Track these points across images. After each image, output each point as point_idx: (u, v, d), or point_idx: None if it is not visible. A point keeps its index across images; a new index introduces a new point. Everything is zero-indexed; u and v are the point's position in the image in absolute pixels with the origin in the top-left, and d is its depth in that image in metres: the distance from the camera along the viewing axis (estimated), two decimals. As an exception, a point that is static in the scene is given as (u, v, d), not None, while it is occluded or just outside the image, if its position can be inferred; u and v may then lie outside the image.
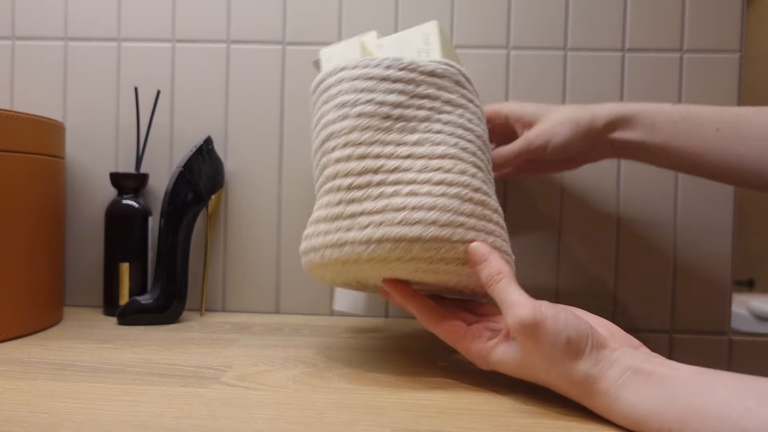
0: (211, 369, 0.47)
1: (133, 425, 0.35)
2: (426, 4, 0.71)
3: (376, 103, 0.45)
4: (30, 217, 0.57)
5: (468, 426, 0.36)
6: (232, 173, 0.72)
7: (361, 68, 0.47)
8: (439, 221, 0.42)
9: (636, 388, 0.35)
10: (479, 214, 0.44)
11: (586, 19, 0.70)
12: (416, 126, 0.46)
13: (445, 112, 0.46)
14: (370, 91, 0.46)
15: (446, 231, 0.42)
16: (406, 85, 0.46)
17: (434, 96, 0.46)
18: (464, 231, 0.43)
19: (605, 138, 0.56)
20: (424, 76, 0.46)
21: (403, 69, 0.46)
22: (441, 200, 0.43)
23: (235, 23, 0.72)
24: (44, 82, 0.73)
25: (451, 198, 0.43)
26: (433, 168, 0.44)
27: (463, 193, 0.44)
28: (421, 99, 0.46)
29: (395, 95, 0.46)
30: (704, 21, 0.70)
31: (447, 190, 0.43)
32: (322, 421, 0.36)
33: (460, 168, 0.45)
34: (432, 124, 0.46)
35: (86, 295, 0.73)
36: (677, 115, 0.54)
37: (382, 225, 0.42)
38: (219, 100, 0.72)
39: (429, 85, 0.46)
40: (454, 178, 0.44)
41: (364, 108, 0.45)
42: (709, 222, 0.70)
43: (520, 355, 0.40)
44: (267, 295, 0.72)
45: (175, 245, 0.63)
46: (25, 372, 0.45)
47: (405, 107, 0.46)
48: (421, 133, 0.45)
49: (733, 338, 0.71)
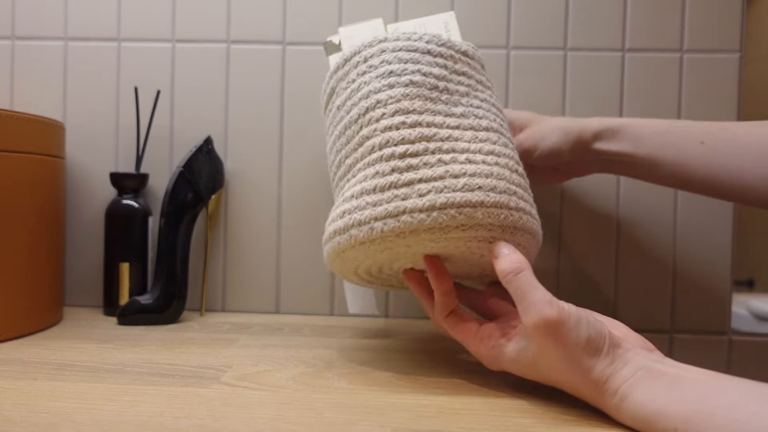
0: (211, 369, 0.47)
1: (133, 425, 0.35)
2: (426, 4, 0.71)
3: (423, 74, 0.46)
4: (30, 217, 0.57)
5: (468, 426, 0.36)
6: (232, 173, 0.72)
7: (403, 41, 0.48)
8: (498, 188, 0.42)
9: (646, 387, 0.36)
10: (524, 186, 0.46)
11: (586, 19, 0.70)
12: (459, 99, 0.47)
13: (479, 90, 0.49)
14: (416, 62, 0.47)
15: (504, 197, 0.42)
16: (446, 60, 0.48)
17: (469, 74, 0.49)
18: (517, 199, 0.44)
19: (592, 148, 0.56)
20: (460, 55, 0.49)
21: (442, 45, 0.48)
22: (495, 169, 0.43)
23: (235, 23, 0.72)
24: (44, 82, 0.73)
25: (502, 168, 0.44)
26: (481, 139, 0.45)
27: (510, 165, 0.45)
28: (459, 76, 0.48)
29: (438, 69, 0.47)
30: (704, 21, 0.70)
31: (498, 160, 0.44)
32: (322, 421, 0.36)
33: (503, 141, 0.46)
34: (471, 100, 0.47)
35: (86, 295, 0.73)
36: (662, 128, 0.55)
37: (444, 191, 0.41)
38: (219, 100, 0.72)
39: (464, 63, 0.49)
40: (501, 150, 0.45)
41: (413, 77, 0.46)
42: (709, 222, 0.70)
43: (533, 354, 0.40)
44: (267, 295, 0.72)
45: (175, 245, 0.63)
46: (25, 372, 0.45)
47: (448, 81, 0.47)
48: (464, 107, 0.47)
49: (733, 338, 0.71)
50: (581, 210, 0.71)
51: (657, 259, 0.71)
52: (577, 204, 0.71)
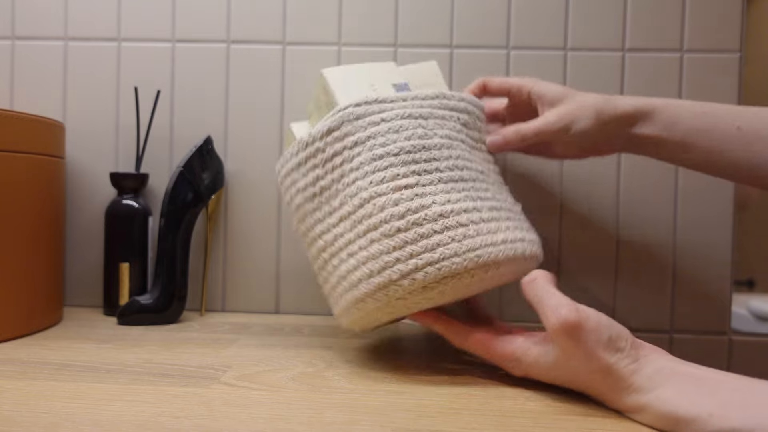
0: (211, 369, 0.47)
1: (133, 425, 0.35)
2: (426, 4, 0.71)
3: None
4: (30, 217, 0.57)
5: (468, 426, 0.36)
6: (232, 173, 0.72)
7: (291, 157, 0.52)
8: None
9: (675, 382, 0.36)
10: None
11: (586, 19, 0.70)
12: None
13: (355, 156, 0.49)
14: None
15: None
16: (316, 156, 0.50)
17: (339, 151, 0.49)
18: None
19: (624, 132, 0.54)
20: (321, 141, 0.49)
21: (309, 145, 0.50)
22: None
23: (235, 23, 0.72)
24: (44, 82, 0.73)
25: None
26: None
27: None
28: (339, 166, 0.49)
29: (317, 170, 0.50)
30: (704, 21, 0.70)
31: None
32: (322, 421, 0.36)
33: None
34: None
35: (86, 295, 0.73)
36: (697, 111, 0.53)
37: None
38: (219, 99, 0.72)
39: (330, 144, 0.49)
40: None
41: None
42: (709, 222, 0.70)
43: (555, 358, 0.41)
44: (267, 295, 0.72)
45: (175, 245, 0.63)
46: (25, 372, 0.45)
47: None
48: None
49: (733, 338, 0.71)
50: (581, 209, 0.71)
51: (657, 259, 0.71)
52: (576, 203, 0.71)
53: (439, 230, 0.45)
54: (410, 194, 0.46)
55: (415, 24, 0.71)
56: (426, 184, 0.46)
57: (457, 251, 0.44)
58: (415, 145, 0.47)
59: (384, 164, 0.47)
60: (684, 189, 0.70)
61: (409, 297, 0.45)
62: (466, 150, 0.50)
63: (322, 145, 0.49)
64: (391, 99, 0.49)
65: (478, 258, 0.44)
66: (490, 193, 0.49)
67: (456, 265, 0.44)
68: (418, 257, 0.44)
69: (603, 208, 0.71)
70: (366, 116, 0.48)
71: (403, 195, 0.46)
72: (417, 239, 0.45)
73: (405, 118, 0.48)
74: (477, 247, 0.45)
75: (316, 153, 0.49)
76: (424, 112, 0.49)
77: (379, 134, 0.47)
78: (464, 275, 0.45)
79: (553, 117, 0.54)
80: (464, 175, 0.48)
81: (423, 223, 0.45)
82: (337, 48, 0.71)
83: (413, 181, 0.46)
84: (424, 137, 0.48)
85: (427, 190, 0.46)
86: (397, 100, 0.49)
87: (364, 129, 0.48)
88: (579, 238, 0.71)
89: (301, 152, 0.50)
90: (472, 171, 0.49)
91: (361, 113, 0.48)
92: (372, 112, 0.48)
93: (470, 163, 0.50)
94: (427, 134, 0.48)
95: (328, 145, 0.49)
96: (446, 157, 0.48)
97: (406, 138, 0.47)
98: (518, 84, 0.58)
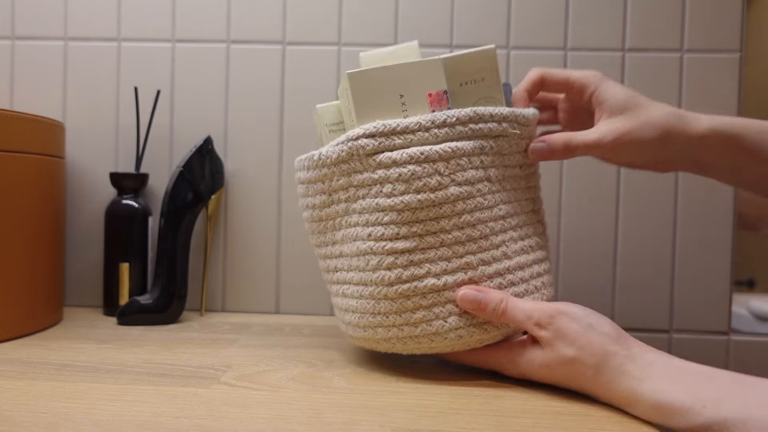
0: (211, 369, 0.47)
1: (133, 425, 0.35)
2: (426, 4, 0.71)
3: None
4: (30, 217, 0.57)
5: (468, 426, 0.36)
6: (232, 173, 0.72)
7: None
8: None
9: (668, 375, 0.36)
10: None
11: (586, 19, 0.70)
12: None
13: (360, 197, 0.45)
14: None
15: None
16: (317, 183, 0.48)
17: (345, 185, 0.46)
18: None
19: (694, 155, 0.48)
20: (330, 168, 0.46)
21: (318, 167, 0.47)
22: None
23: (235, 23, 0.72)
24: (44, 82, 0.73)
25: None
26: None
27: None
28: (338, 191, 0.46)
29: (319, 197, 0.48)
30: (704, 21, 0.70)
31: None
32: (322, 421, 0.36)
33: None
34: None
35: (86, 295, 0.73)
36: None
37: None
38: (219, 100, 0.72)
39: (337, 175, 0.46)
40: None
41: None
42: (709, 222, 0.70)
43: (543, 355, 0.42)
44: (267, 295, 0.72)
45: (175, 245, 0.63)
46: (25, 372, 0.45)
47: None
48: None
49: (733, 338, 0.71)
50: (581, 208, 0.71)
51: (657, 258, 0.71)
52: (576, 202, 0.71)
53: (427, 306, 0.43)
54: (405, 261, 0.43)
55: (415, 24, 0.71)
56: (425, 248, 0.43)
57: (438, 330, 0.44)
58: (424, 200, 0.42)
59: (386, 219, 0.43)
60: (684, 189, 0.70)
61: (392, 349, 0.46)
62: (488, 192, 0.45)
63: (330, 172, 0.46)
64: (412, 128, 0.43)
65: (459, 338, 0.44)
66: (502, 250, 0.45)
67: (435, 343, 0.44)
68: (398, 328, 0.44)
69: (603, 208, 0.71)
70: (377, 153, 0.43)
71: (397, 260, 0.43)
72: (401, 311, 0.44)
73: (420, 163, 0.42)
74: (459, 326, 0.44)
75: (324, 179, 0.46)
76: (445, 151, 0.43)
77: (387, 181, 0.43)
78: (444, 349, 0.45)
79: (611, 135, 0.47)
80: (473, 233, 0.44)
81: (411, 297, 0.43)
82: (337, 48, 0.71)
83: (411, 246, 0.43)
84: (437, 189, 0.43)
85: (425, 257, 0.43)
86: (419, 129, 0.43)
87: (372, 170, 0.43)
88: (579, 237, 0.71)
89: (312, 171, 0.47)
90: (488, 223, 0.45)
91: (372, 149, 0.43)
92: (384, 148, 0.43)
93: (489, 212, 0.45)
94: (442, 184, 0.43)
95: (336, 176, 0.45)
96: (458, 212, 0.43)
97: (415, 191, 0.42)
98: (580, 83, 0.50)
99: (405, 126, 0.43)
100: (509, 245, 0.46)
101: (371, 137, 0.43)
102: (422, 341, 0.44)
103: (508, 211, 0.46)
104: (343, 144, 0.44)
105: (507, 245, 0.46)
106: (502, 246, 0.45)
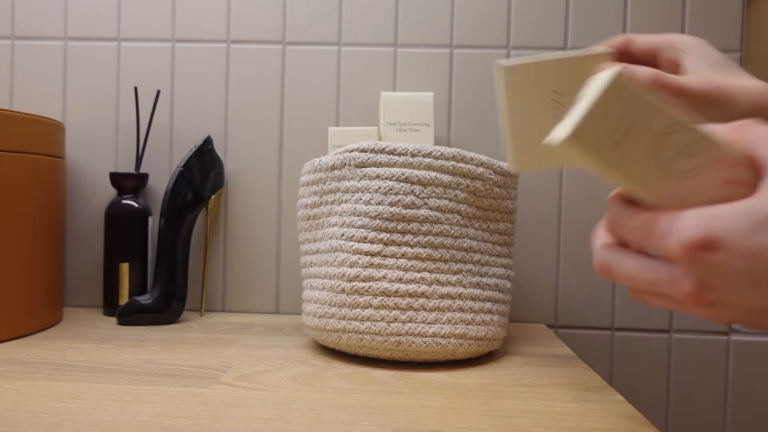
0: (211, 369, 0.47)
1: (133, 425, 0.35)
2: (426, 4, 0.71)
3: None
4: (30, 217, 0.57)
5: (468, 426, 0.36)
6: (232, 173, 0.72)
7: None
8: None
9: None
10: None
11: (586, 19, 0.70)
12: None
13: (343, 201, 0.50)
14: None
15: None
16: (318, 185, 0.52)
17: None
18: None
19: None
20: (325, 173, 0.51)
21: (313, 172, 0.53)
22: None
23: (235, 23, 0.72)
24: (44, 82, 0.73)
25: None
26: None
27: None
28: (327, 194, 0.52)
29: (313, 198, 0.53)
30: (704, 21, 0.70)
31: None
32: (322, 421, 0.36)
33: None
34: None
35: (86, 295, 0.73)
36: None
37: None
38: (219, 100, 0.72)
39: (330, 180, 0.51)
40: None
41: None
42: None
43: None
44: (267, 295, 0.72)
45: (175, 245, 0.63)
46: (25, 372, 0.45)
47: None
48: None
49: (733, 338, 0.71)
50: (581, 207, 0.71)
51: (657, 259, 0.71)
52: (576, 201, 0.71)
53: (376, 306, 0.47)
54: (366, 262, 0.47)
55: (415, 24, 0.71)
56: (388, 255, 0.47)
57: (381, 331, 0.46)
58: (395, 214, 0.47)
59: (359, 222, 0.48)
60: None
61: (338, 342, 0.49)
62: (456, 224, 0.48)
63: (324, 176, 0.51)
64: (400, 151, 0.48)
65: (398, 344, 0.47)
66: (458, 277, 0.48)
67: (375, 343, 0.47)
68: (347, 321, 0.47)
69: (603, 207, 0.71)
70: (366, 166, 0.48)
71: (360, 260, 0.47)
72: (353, 306, 0.47)
73: (400, 181, 0.47)
74: (401, 333, 0.46)
75: (319, 182, 0.52)
76: (425, 176, 0.47)
77: (368, 190, 0.48)
78: (382, 352, 0.48)
79: (706, 85, 0.39)
80: (434, 254, 0.47)
81: (364, 294, 0.47)
82: (337, 48, 0.71)
83: (376, 249, 0.47)
84: (411, 206, 0.47)
85: (386, 263, 0.47)
86: (406, 153, 0.48)
87: (358, 179, 0.48)
88: (579, 238, 0.71)
89: (311, 174, 0.53)
90: (450, 250, 0.48)
91: (362, 162, 0.48)
92: (372, 163, 0.48)
93: (453, 240, 0.48)
94: (416, 203, 0.47)
95: (329, 180, 0.51)
96: (425, 232, 0.47)
97: (390, 204, 0.47)
98: (673, 48, 0.42)
99: (394, 148, 0.48)
100: (466, 276, 0.49)
101: (363, 152, 0.48)
102: (364, 338, 0.47)
103: (472, 246, 0.50)
104: (340, 153, 0.50)
105: (464, 275, 0.49)
106: (459, 274, 0.49)
